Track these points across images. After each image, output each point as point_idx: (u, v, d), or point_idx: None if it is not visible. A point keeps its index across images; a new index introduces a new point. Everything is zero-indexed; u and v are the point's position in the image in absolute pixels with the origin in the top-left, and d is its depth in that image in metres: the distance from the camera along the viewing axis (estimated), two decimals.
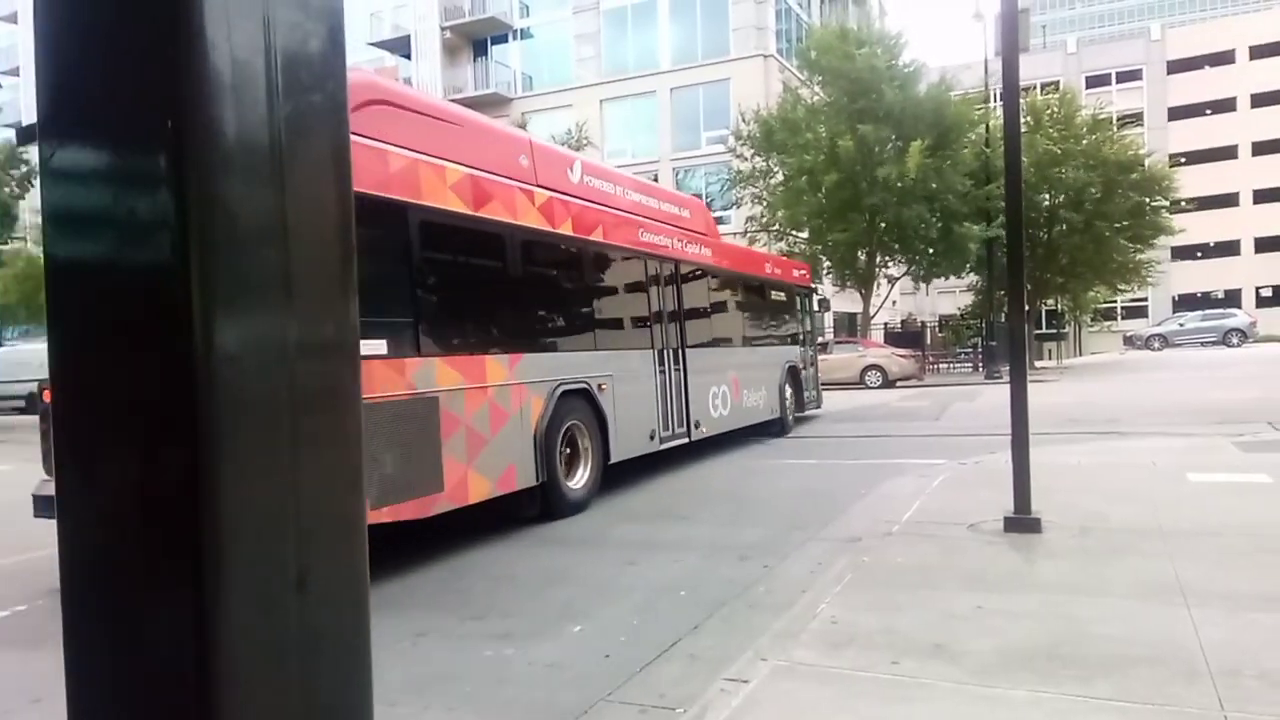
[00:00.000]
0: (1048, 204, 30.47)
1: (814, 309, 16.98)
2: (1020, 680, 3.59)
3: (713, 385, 11.62)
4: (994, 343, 26.80)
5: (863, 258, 29.67)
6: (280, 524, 0.78)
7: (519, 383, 7.72)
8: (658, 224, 10.93)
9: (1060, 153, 28.93)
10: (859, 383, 25.09)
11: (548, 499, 8.01)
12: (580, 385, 8.62)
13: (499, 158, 8.17)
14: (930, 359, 32.40)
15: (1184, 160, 46.59)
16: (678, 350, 10.75)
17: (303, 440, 0.79)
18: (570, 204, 8.94)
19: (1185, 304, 54.41)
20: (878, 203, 27.04)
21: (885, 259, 30.76)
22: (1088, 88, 51.70)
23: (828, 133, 27.42)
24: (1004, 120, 6.86)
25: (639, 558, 6.54)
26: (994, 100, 28.29)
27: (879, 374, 25.43)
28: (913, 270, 31.98)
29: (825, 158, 26.86)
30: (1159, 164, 33.30)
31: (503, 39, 43.21)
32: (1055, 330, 41.12)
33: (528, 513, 7.91)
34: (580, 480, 8.56)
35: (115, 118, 0.74)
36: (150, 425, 0.75)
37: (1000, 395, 8.97)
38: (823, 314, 20.40)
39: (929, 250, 28.67)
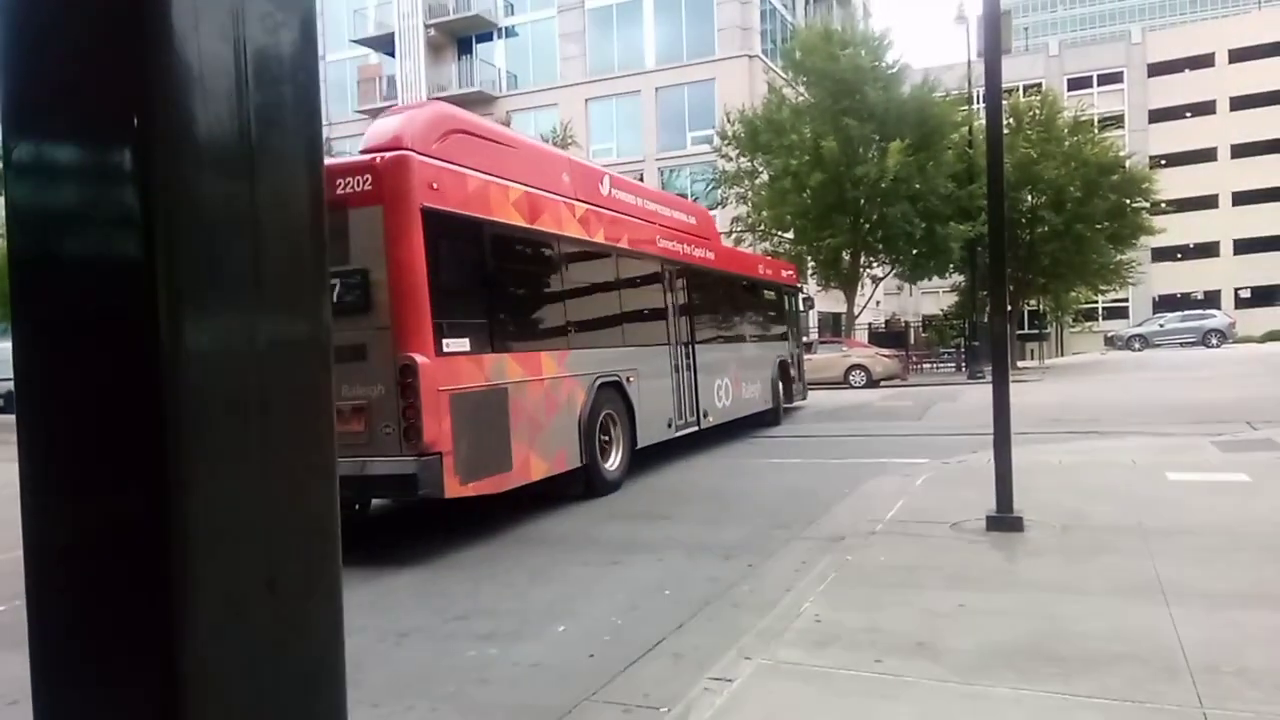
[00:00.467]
0: (1029, 205, 30.68)
1: (800, 307, 18.19)
2: (1002, 678, 3.60)
3: (718, 378, 12.63)
4: (977, 343, 26.95)
5: (847, 258, 29.76)
6: (250, 525, 0.76)
7: (567, 375, 8.63)
8: (671, 230, 11.97)
9: (1037, 155, 29.13)
10: (843, 382, 25.17)
11: (589, 479, 8.89)
12: (614, 378, 9.53)
13: (546, 175, 9.11)
14: (914, 359, 32.55)
15: (1164, 162, 47.07)
16: (689, 346, 11.72)
17: (274, 440, 0.78)
18: (602, 215, 9.92)
19: (1165, 305, 54.94)
20: (861, 199, 27.14)
21: (870, 259, 30.88)
22: (1069, 90, 52.05)
23: (812, 133, 27.50)
24: (987, 122, 6.89)
25: (623, 557, 6.53)
26: (977, 101, 28.47)
27: (863, 374, 25.52)
28: (897, 270, 32.12)
29: (810, 158, 26.94)
30: (1139, 166, 33.60)
31: (487, 37, 43.08)
32: (1037, 330, 41.42)
33: (573, 491, 8.73)
34: (614, 463, 9.42)
35: (79, 110, 0.72)
36: (116, 425, 0.74)
37: (983, 395, 9.02)
38: (807, 312, 21.10)
39: (913, 250, 28.80)
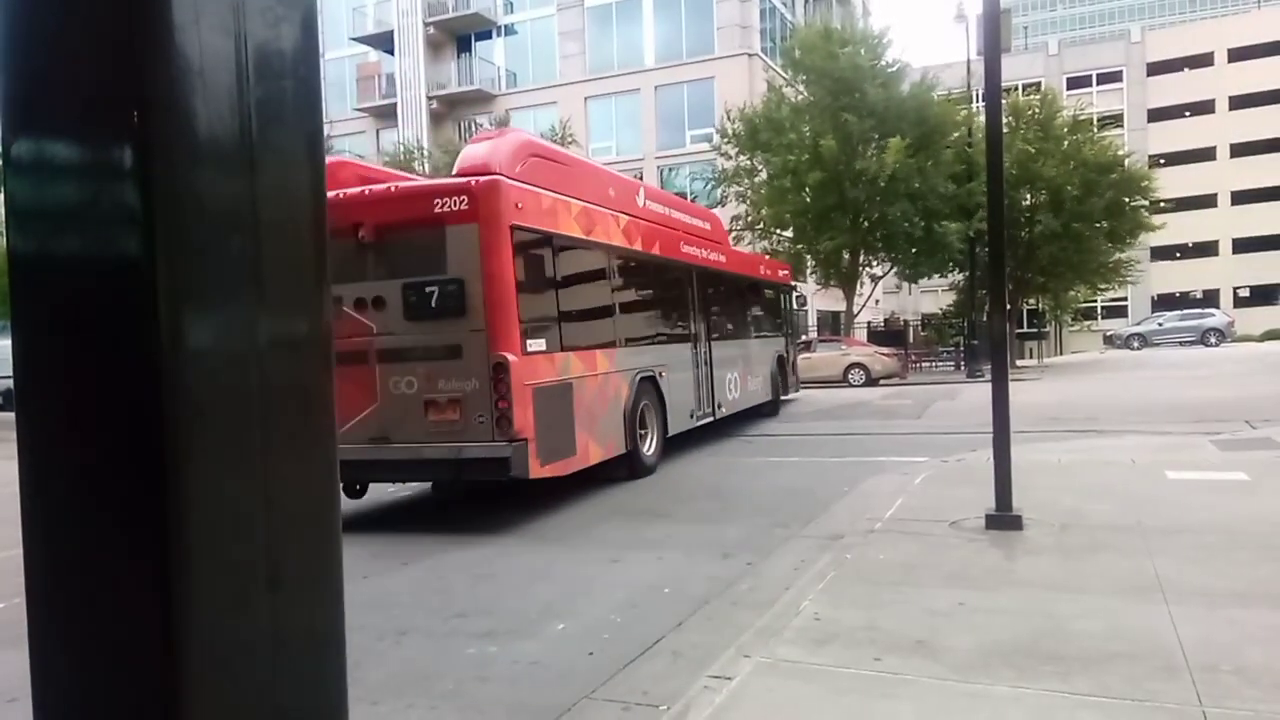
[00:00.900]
0: (1028, 203, 30.67)
1: (794, 305, 19.33)
2: (1001, 676, 3.61)
3: (729, 373, 13.63)
4: (976, 341, 26.93)
5: (846, 257, 29.76)
6: (251, 523, 0.76)
7: (615, 371, 9.64)
8: (692, 236, 13.05)
9: (1035, 151, 29.10)
10: (842, 381, 25.16)
11: (632, 464, 9.82)
12: (650, 373, 10.51)
13: (597, 190, 10.16)
14: (913, 357, 32.54)
15: (1163, 161, 47.08)
16: (706, 343, 12.72)
17: (274, 438, 0.77)
18: (640, 224, 10.97)
19: (1164, 304, 54.94)
20: (861, 198, 27.13)
21: (869, 258, 30.87)
22: (1068, 89, 52.03)
23: (811, 132, 27.48)
24: (986, 121, 6.89)
25: (622, 555, 6.53)
26: (976, 100, 28.45)
27: (862, 372, 25.50)
28: (897, 269, 32.11)
29: (809, 157, 26.92)
30: (1138, 164, 33.59)
31: (486, 35, 43.02)
32: (1036, 329, 41.43)
33: (619, 475, 9.64)
34: (650, 449, 10.37)
35: (79, 106, 0.72)
36: (116, 424, 0.73)
37: (982, 393, 9.02)
38: (800, 309, 21.77)
39: (912, 249, 28.79)
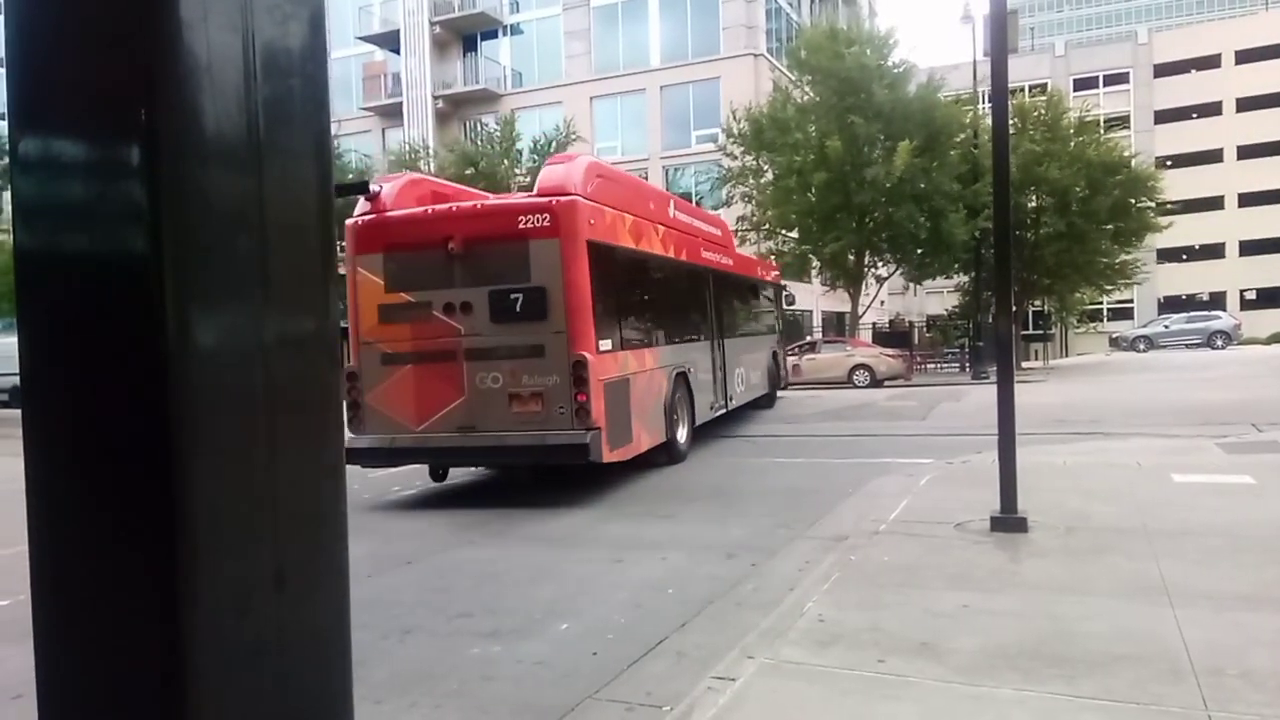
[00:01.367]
0: (1034, 205, 30.57)
1: (784, 302, 20.60)
2: (1006, 679, 3.60)
3: (737, 368, 14.57)
4: (981, 343, 26.87)
5: (852, 258, 29.71)
6: (257, 521, 0.76)
7: (658, 367, 10.61)
8: (708, 242, 13.99)
9: (1041, 152, 28.99)
10: (847, 382, 25.12)
11: (670, 451, 10.72)
12: (683, 369, 11.46)
13: (641, 204, 11.10)
14: (918, 359, 32.48)
15: (1170, 163, 46.87)
16: (721, 340, 13.67)
17: (280, 437, 0.77)
18: (672, 233, 11.99)
19: (1171, 306, 54.73)
20: (866, 202, 27.09)
21: (874, 259, 30.81)
22: (1075, 90, 51.87)
23: (817, 132, 27.45)
24: (992, 122, 6.87)
25: (626, 555, 6.52)
26: (982, 102, 28.37)
27: (867, 373, 25.45)
28: (903, 270, 32.05)
29: (814, 157, 26.89)
30: (1144, 165, 33.46)
31: (492, 34, 43.03)
32: (1042, 331, 41.29)
33: (660, 461, 10.51)
34: (684, 438, 11.27)
35: (87, 104, 0.71)
36: (123, 421, 0.73)
37: (987, 395, 9.00)
38: (790, 307, 22.50)
39: (918, 250, 28.73)
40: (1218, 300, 55.09)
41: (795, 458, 11.44)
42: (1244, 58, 57.32)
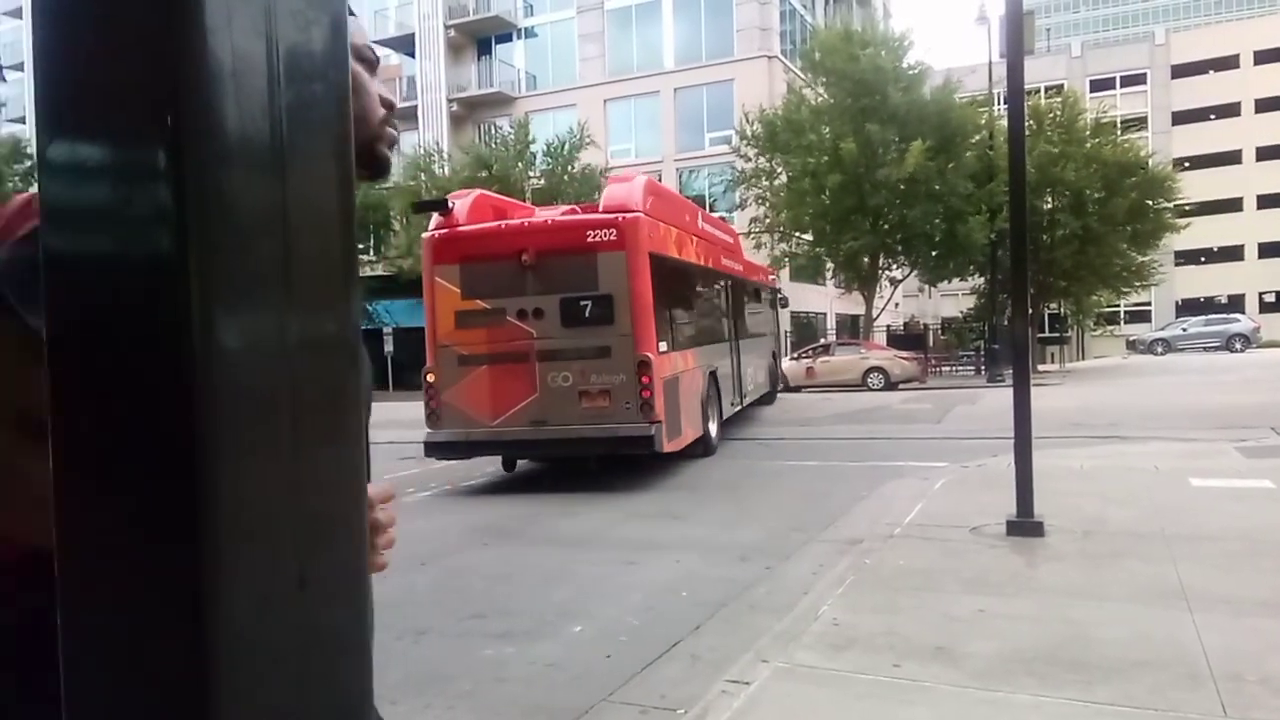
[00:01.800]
0: (1050, 206, 30.38)
1: (779, 304, 21.65)
2: (1022, 684, 3.57)
3: (747, 367, 15.44)
4: (996, 346, 26.72)
5: (866, 261, 29.62)
6: (280, 523, 0.76)
7: (697, 367, 11.53)
8: (725, 249, 15.03)
9: (1057, 153, 28.80)
10: (861, 384, 25.04)
11: (705, 444, 11.53)
12: (713, 368, 12.40)
13: (680, 217, 11.98)
14: (932, 361, 32.32)
15: (1188, 165, 46.49)
16: (736, 342, 14.67)
17: (303, 438, 0.77)
18: (703, 243, 12.92)
19: (1189, 309, 54.25)
20: (881, 203, 27.00)
21: (889, 261, 30.70)
22: (1091, 91, 51.54)
23: (831, 134, 27.38)
24: (1008, 123, 6.84)
25: (639, 558, 6.52)
26: (998, 103, 28.22)
27: (881, 376, 25.35)
28: (918, 272, 31.91)
29: (828, 159, 26.82)
30: (1160, 166, 33.20)
31: (507, 38, 43.15)
32: (1058, 334, 41.02)
33: (696, 452, 11.22)
34: (714, 432, 12.12)
35: (113, 109, 0.72)
36: (149, 424, 0.74)
37: (1002, 398, 8.95)
38: (784, 308, 23.18)
39: (933, 252, 28.61)
40: (1236, 303, 54.59)
41: (808, 460, 11.41)
42: (1263, 58, 56.80)
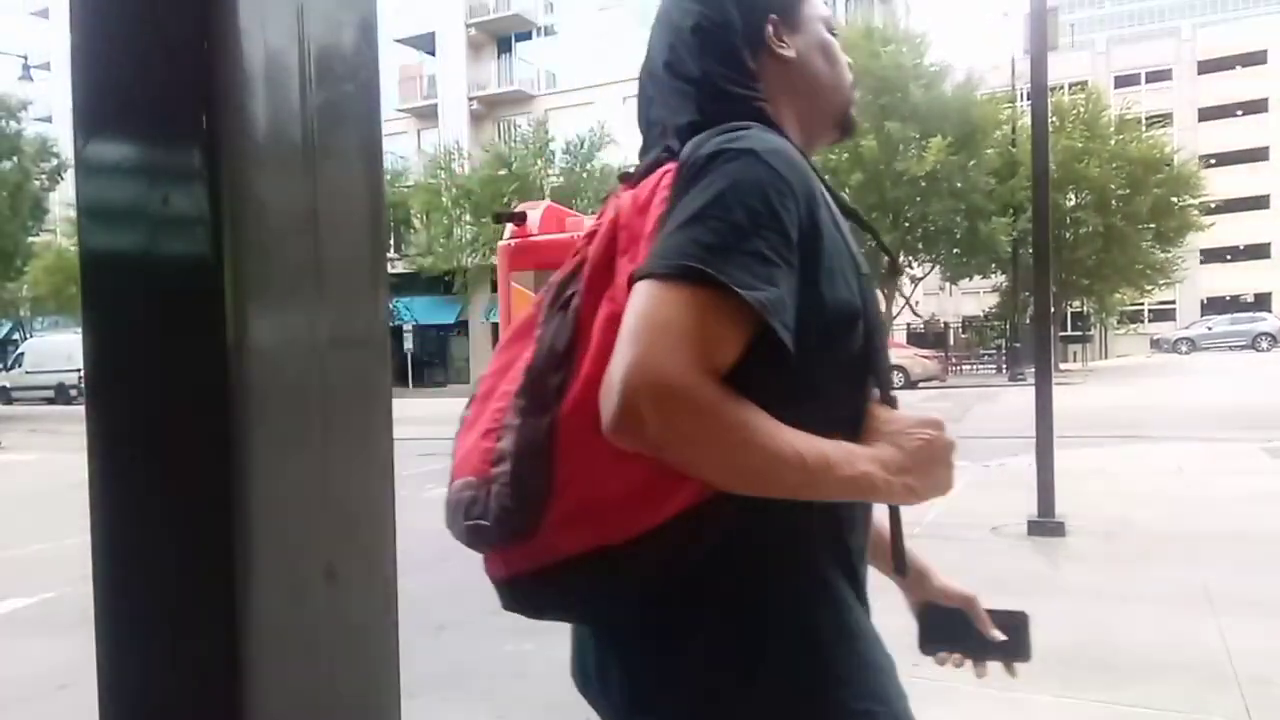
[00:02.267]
0: (1073, 204, 30.07)
1: None
2: (1044, 685, 3.55)
3: None
4: (1018, 344, 26.52)
5: (887, 260, 29.47)
6: (310, 517, 0.78)
7: None
8: None
9: (1080, 149, 28.49)
10: None
11: None
12: None
13: None
14: (953, 360, 32.14)
15: (1214, 162, 45.92)
16: None
17: (333, 432, 0.79)
18: None
19: (1214, 307, 53.60)
20: (901, 197, 26.87)
21: (910, 259, 30.54)
22: (1116, 87, 50.99)
23: None
24: (1032, 120, 6.79)
25: None
26: (1021, 100, 28.00)
27: (901, 374, 25.24)
28: (940, 270, 31.73)
29: (849, 157, 26.71)
30: (1186, 163, 32.79)
31: (526, 36, 43.22)
32: (1080, 333, 40.66)
33: None
34: None
35: (149, 110, 0.74)
36: (183, 418, 0.76)
37: (1024, 397, 8.89)
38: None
39: (954, 249, 28.44)
40: (1263, 301, 53.80)
41: None
42: None
